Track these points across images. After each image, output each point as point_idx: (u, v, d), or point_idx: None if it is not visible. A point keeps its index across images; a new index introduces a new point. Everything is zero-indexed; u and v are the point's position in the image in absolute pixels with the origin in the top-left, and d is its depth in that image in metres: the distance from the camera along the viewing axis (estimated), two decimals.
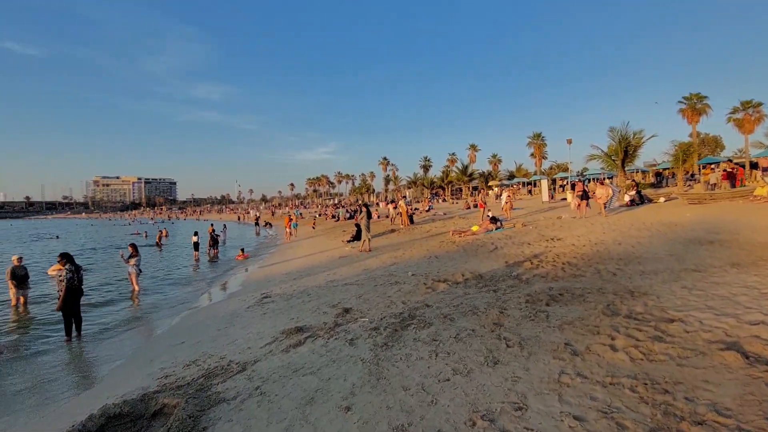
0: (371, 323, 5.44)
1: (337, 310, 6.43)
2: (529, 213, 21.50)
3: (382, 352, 4.36)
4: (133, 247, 11.33)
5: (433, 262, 9.90)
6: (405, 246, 13.69)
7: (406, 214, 22.17)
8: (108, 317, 8.89)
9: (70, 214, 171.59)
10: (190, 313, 8.73)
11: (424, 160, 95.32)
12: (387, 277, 8.52)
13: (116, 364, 6.03)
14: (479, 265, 8.85)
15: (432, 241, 13.79)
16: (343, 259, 12.76)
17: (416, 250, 12.33)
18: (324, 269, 11.29)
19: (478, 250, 10.70)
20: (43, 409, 4.76)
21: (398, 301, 6.43)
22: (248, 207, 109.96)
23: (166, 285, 12.71)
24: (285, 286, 9.54)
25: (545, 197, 30.85)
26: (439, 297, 6.41)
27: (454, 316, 5.26)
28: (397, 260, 10.88)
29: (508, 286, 6.66)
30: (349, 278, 9.22)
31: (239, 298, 8.95)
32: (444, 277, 7.77)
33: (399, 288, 7.37)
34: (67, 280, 6.94)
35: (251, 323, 6.59)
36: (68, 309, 7.07)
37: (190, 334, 6.62)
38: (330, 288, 8.33)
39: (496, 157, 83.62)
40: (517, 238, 11.72)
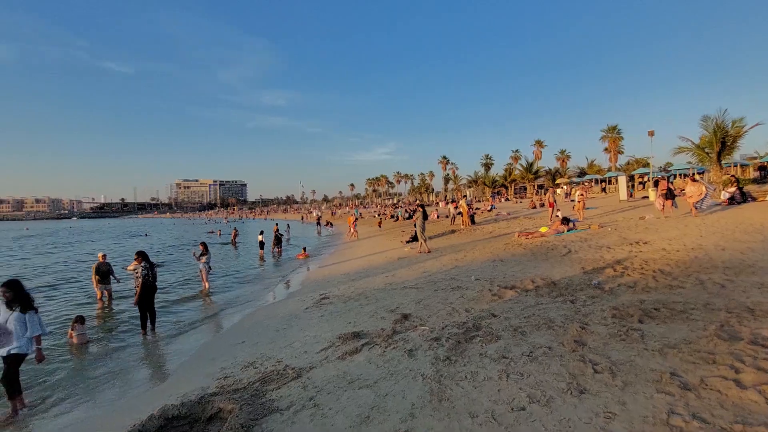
0: (432, 332, 5.03)
1: (395, 315, 6.10)
2: (605, 213, 19.63)
3: (444, 367, 3.94)
4: (203, 245, 11.95)
5: (497, 266, 9.21)
6: (466, 248, 13.03)
7: (467, 214, 21.34)
8: (180, 313, 9.40)
9: (156, 214, 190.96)
10: (252, 311, 8.93)
11: (485, 158, 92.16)
12: (448, 282, 8.03)
13: (183, 360, 6.24)
14: (551, 270, 8.02)
15: (496, 243, 12.98)
16: (401, 261, 12.44)
17: (479, 252, 11.64)
18: (382, 271, 11.05)
19: (548, 254, 9.79)
20: (114, 402, 5.00)
21: (461, 309, 5.94)
22: (311, 207, 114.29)
23: (233, 282, 13.30)
24: (343, 287, 9.43)
25: (623, 195, 28.13)
26: (507, 306, 5.82)
27: (525, 330, 4.68)
28: (459, 263, 10.31)
29: (587, 296, 5.87)
30: (407, 281, 8.86)
31: (298, 299, 8.99)
32: (511, 284, 7.11)
33: (461, 294, 6.86)
34: (142, 276, 7.38)
35: (308, 325, 6.48)
36: (143, 304, 7.52)
37: (250, 334, 6.68)
38: (388, 291, 8.04)
39: (564, 153, 78.52)
40: (593, 241, 10.58)
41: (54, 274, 16.03)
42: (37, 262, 21.64)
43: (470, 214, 22.06)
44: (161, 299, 10.47)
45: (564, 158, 78.13)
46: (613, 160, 68.60)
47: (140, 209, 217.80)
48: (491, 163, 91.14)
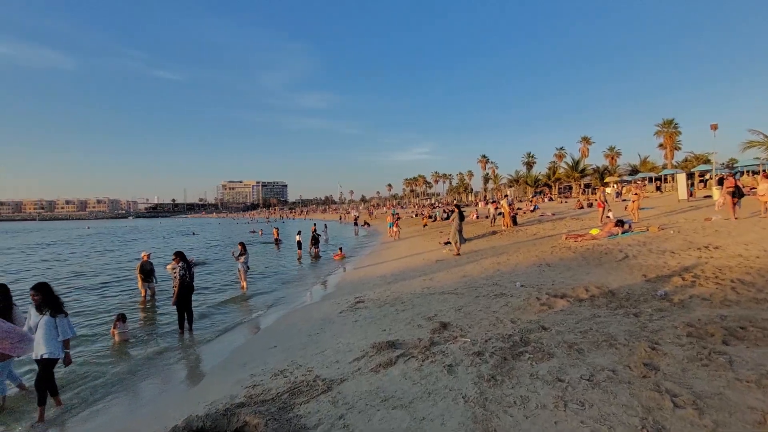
0: (474, 345, 4.57)
1: (433, 324, 5.68)
2: (663, 214, 18.06)
3: (489, 388, 3.48)
4: (242, 245, 12.08)
5: (544, 271, 8.53)
6: (509, 250, 12.32)
7: (509, 214, 20.41)
8: (218, 313, 9.48)
9: (204, 214, 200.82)
10: (287, 313, 8.82)
11: (527, 156, 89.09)
12: (490, 288, 7.49)
13: (215, 363, 6.17)
14: (607, 277, 7.27)
15: (541, 246, 12.17)
16: (440, 263, 11.95)
17: (523, 255, 10.93)
18: (420, 274, 10.63)
19: (602, 259, 8.97)
20: (146, 405, 4.94)
21: (506, 319, 5.42)
22: (349, 207, 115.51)
23: (271, 282, 13.39)
24: (379, 290, 9.11)
25: (683, 195, 25.92)
26: (558, 318, 5.23)
27: (582, 347, 4.12)
28: (501, 267, 9.69)
29: (654, 309, 5.17)
30: (446, 286, 8.39)
31: (333, 301, 8.77)
32: (562, 292, 6.47)
33: (506, 302, 6.32)
34: (180, 276, 7.43)
35: (342, 332, 6.21)
36: (181, 304, 7.58)
37: (282, 338, 6.51)
38: (425, 296, 7.61)
39: (613, 150, 74.19)
40: (654, 245, 9.60)
41: (110, 273, 16.93)
42: (96, 261, 23.12)
43: (512, 214, 21.10)
44: (201, 298, 10.66)
45: (613, 155, 73.84)
46: (669, 156, 64.02)
47: (189, 209, 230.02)
48: (533, 161, 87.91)
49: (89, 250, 28.90)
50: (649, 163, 65.51)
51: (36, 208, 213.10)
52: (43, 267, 19.87)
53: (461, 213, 13.96)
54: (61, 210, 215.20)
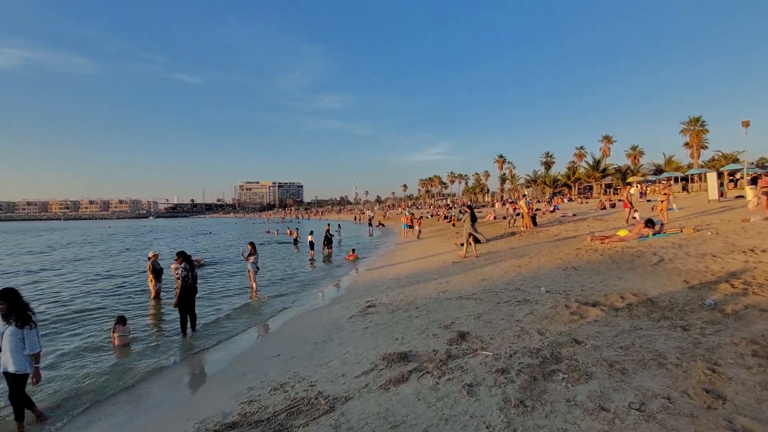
0: (497, 360, 4.03)
1: (450, 333, 5.14)
2: (693, 214, 17.04)
3: (518, 416, 2.94)
4: (251, 245, 11.74)
5: (571, 275, 7.87)
6: (530, 252, 11.65)
7: (528, 215, 19.62)
8: (223, 316, 9.10)
9: (222, 214, 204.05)
10: (294, 317, 8.40)
11: (545, 156, 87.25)
12: (512, 293, 6.89)
13: (213, 372, 5.77)
14: (643, 283, 6.59)
15: (565, 248, 11.46)
16: (456, 266, 11.36)
17: (545, 258, 10.26)
18: (435, 276, 10.07)
19: (634, 262, 8.25)
20: (133, 420, 4.56)
21: (532, 330, 4.84)
22: (364, 208, 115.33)
23: (282, 282, 13.04)
24: (391, 294, 8.60)
25: (713, 195, 24.60)
26: (593, 329, 4.63)
27: (626, 366, 3.53)
28: (523, 270, 9.06)
29: (704, 321, 4.51)
30: (464, 290, 7.82)
31: (343, 305, 8.30)
32: (594, 299, 5.84)
33: (530, 310, 5.73)
34: (182, 278, 7.08)
35: (350, 339, 5.73)
36: (183, 306, 7.23)
37: (287, 346, 6.07)
38: (441, 301, 7.07)
39: (636, 149, 71.86)
40: (691, 248, 8.82)
41: (125, 273, 16.91)
42: (113, 262, 23.29)
43: (531, 215, 20.31)
44: (208, 301, 10.35)
45: (636, 154, 71.58)
46: (695, 155, 61.73)
47: (208, 209, 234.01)
48: (552, 161, 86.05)
49: (106, 251, 29.23)
50: (674, 162, 63.24)
51: (61, 208, 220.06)
52: (60, 267, 20.04)
53: (473, 214, 13.36)
54: (85, 210, 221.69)
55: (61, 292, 12.45)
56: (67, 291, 12.66)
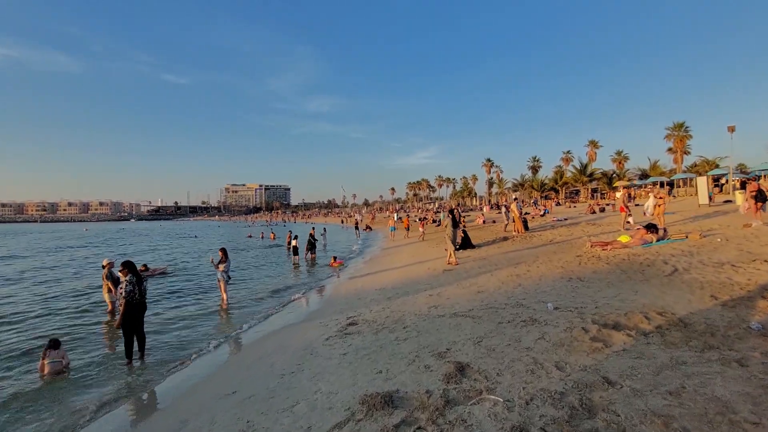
0: (509, 410, 3.08)
1: (446, 364, 4.18)
2: (687, 219, 16.56)
3: None
4: (223, 251, 10.62)
5: (578, 287, 7.00)
6: (526, 259, 10.79)
7: (520, 219, 18.88)
8: (184, 334, 7.97)
9: (206, 217, 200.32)
10: (264, 336, 7.33)
11: (532, 160, 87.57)
12: (515, 310, 5.97)
13: (149, 417, 4.68)
14: (663, 298, 5.74)
15: (564, 254, 10.65)
16: (448, 274, 10.43)
17: (545, 266, 9.40)
18: (425, 286, 9.12)
19: (645, 272, 7.43)
20: None
21: (547, 363, 3.91)
22: (351, 211, 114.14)
23: (258, 292, 11.93)
24: (376, 308, 7.61)
25: (703, 200, 24.32)
26: (624, 363, 3.71)
27: (687, 426, 2.61)
28: (522, 281, 8.17)
29: (762, 352, 3.64)
30: (459, 304, 6.88)
31: (320, 322, 7.26)
32: (614, 320, 4.95)
33: (541, 333, 4.80)
34: (126, 293, 5.96)
35: (324, 370, 4.70)
36: (129, 327, 6.11)
37: (247, 378, 5.02)
38: (433, 319, 6.10)
39: (621, 154, 72.47)
40: (704, 256, 8.06)
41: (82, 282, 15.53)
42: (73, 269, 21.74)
43: (522, 219, 19.58)
44: (167, 316, 9.19)
45: (621, 159, 72.19)
46: (679, 160, 62.36)
47: (192, 212, 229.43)
48: (539, 165, 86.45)
49: (69, 258, 27.51)
50: (659, 167, 63.92)
51: (38, 210, 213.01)
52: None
53: (455, 219, 12.57)
54: (63, 212, 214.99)
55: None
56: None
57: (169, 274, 15.88)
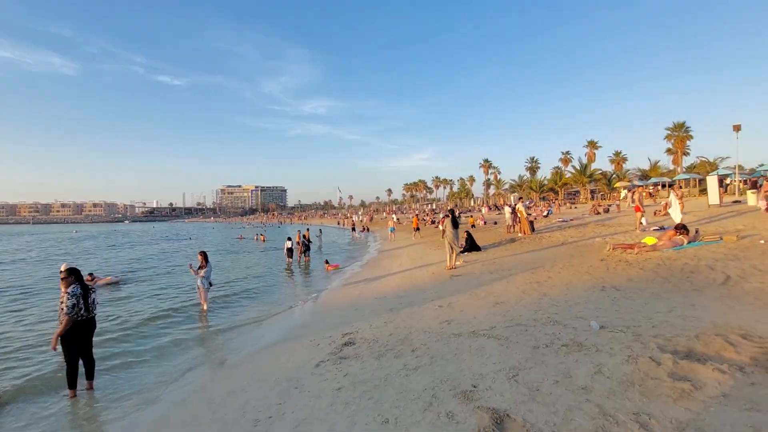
0: None
1: (476, 413, 3.06)
2: (703, 220, 15.54)
3: None
4: (203, 255, 9.45)
5: (617, 299, 5.90)
6: (543, 263, 9.70)
7: (526, 219, 17.82)
8: (150, 353, 6.77)
9: (201, 218, 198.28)
10: (241, 360, 6.13)
11: (530, 161, 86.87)
12: (549, 328, 4.85)
13: None
14: (736, 315, 4.64)
15: (584, 259, 9.57)
16: (456, 281, 9.32)
17: (567, 271, 8.32)
18: (432, 295, 8.00)
19: (693, 280, 6.36)
20: None
21: (623, 416, 2.78)
22: (348, 212, 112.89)
23: (242, 300, 10.75)
24: (377, 322, 6.47)
25: (714, 199, 23.37)
26: (736, 419, 2.61)
27: None
28: (546, 289, 7.07)
29: None
30: (476, 319, 5.76)
31: (310, 340, 6.10)
32: (685, 345, 3.83)
33: (595, 365, 3.67)
34: (68, 308, 4.79)
35: (312, 416, 3.56)
36: (73, 348, 4.92)
37: (213, 427, 3.85)
38: (448, 340, 4.97)
39: (619, 155, 71.76)
40: (755, 261, 6.99)
41: None
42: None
43: (529, 220, 18.53)
44: (131, 331, 7.97)
45: (619, 160, 71.47)
46: (679, 161, 61.72)
47: (187, 213, 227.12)
48: (537, 166, 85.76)
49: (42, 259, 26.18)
50: (659, 167, 63.23)
51: (31, 212, 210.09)
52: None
53: (455, 219, 11.47)
54: (56, 213, 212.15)
55: None
56: None
57: (121, 284, 13.97)
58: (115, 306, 10.22)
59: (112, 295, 11.69)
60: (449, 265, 11.10)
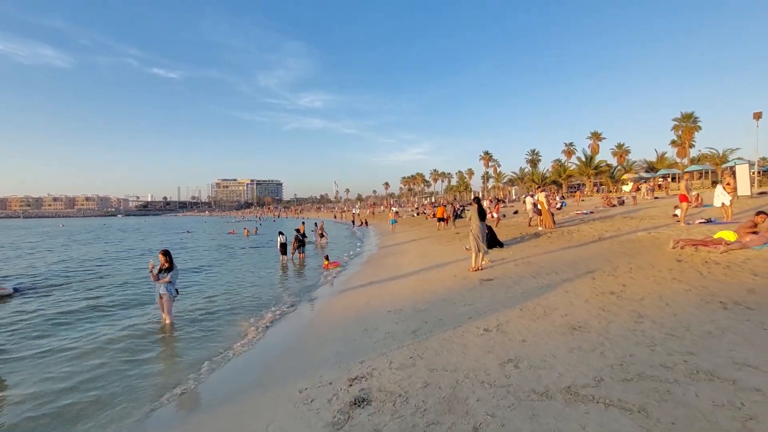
0: None
1: None
2: (742, 212, 13.69)
3: None
4: (165, 256, 7.34)
5: (764, 324, 3.91)
6: (597, 265, 7.70)
7: (549, 211, 15.83)
8: (63, 405, 4.67)
9: (196, 212, 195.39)
10: (200, 422, 4.08)
11: (531, 153, 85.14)
12: (704, 387, 2.82)
13: None
14: None
15: (652, 259, 7.58)
16: (489, 286, 7.29)
17: (641, 276, 6.31)
18: (466, 309, 5.96)
19: None
20: None
21: None
22: (345, 206, 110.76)
23: (221, 309, 8.67)
24: (398, 357, 4.42)
25: (745, 190, 21.57)
26: None
27: None
28: (630, 303, 5.06)
29: None
30: (558, 359, 3.72)
31: (299, 390, 4.01)
32: None
33: None
34: None
35: None
36: None
37: None
38: (532, 407, 2.95)
39: (622, 147, 70.00)
40: None
41: None
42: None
43: (550, 211, 16.53)
44: (49, 365, 5.80)
45: (622, 153, 69.72)
46: (687, 152, 59.98)
47: (182, 207, 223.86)
48: (538, 158, 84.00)
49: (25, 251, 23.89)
50: (666, 159, 61.45)
51: (21, 206, 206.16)
52: None
53: (481, 208, 9.30)
54: (48, 207, 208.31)
55: None
56: None
57: (17, 296, 10.58)
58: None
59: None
60: (474, 266, 9.08)
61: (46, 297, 10.34)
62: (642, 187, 31.97)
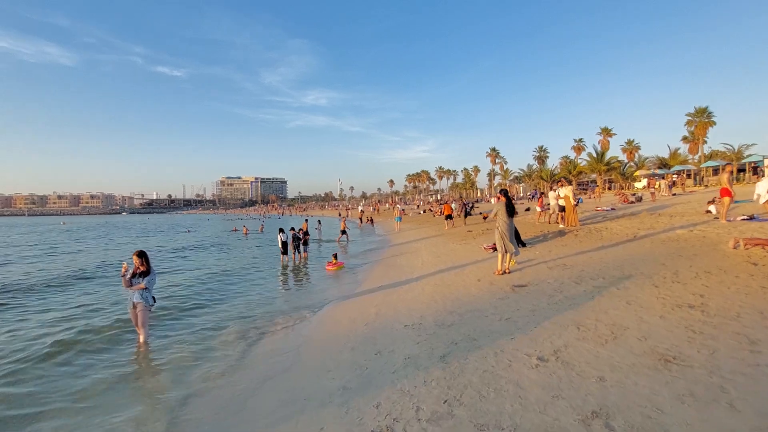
0: None
1: None
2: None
3: None
4: (140, 257, 6.23)
5: None
6: (649, 269, 6.51)
7: (574, 208, 14.59)
8: None
9: (201, 210, 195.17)
10: None
11: (539, 150, 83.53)
12: None
13: None
14: None
15: (713, 261, 6.38)
16: (525, 294, 6.12)
17: (714, 283, 5.12)
18: (503, 326, 4.80)
19: None
20: None
21: None
22: (349, 204, 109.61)
23: (205, 319, 7.56)
24: (426, 399, 3.26)
25: None
26: None
27: None
28: (724, 322, 3.89)
29: None
30: (667, 414, 2.59)
31: None
32: None
33: None
34: None
35: None
36: None
37: None
38: None
39: (632, 143, 68.31)
40: None
41: None
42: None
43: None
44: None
45: (632, 149, 68.02)
46: (701, 148, 58.18)
47: (186, 205, 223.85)
48: (546, 155, 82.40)
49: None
50: (679, 155, 59.78)
51: (27, 203, 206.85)
52: None
53: (510, 203, 8.03)
54: (53, 205, 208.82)
55: None
56: None
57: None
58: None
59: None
60: (500, 269, 7.91)
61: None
62: (661, 183, 30.55)
